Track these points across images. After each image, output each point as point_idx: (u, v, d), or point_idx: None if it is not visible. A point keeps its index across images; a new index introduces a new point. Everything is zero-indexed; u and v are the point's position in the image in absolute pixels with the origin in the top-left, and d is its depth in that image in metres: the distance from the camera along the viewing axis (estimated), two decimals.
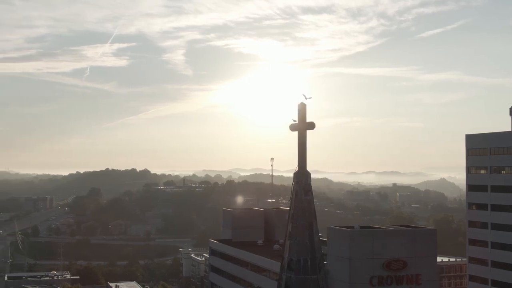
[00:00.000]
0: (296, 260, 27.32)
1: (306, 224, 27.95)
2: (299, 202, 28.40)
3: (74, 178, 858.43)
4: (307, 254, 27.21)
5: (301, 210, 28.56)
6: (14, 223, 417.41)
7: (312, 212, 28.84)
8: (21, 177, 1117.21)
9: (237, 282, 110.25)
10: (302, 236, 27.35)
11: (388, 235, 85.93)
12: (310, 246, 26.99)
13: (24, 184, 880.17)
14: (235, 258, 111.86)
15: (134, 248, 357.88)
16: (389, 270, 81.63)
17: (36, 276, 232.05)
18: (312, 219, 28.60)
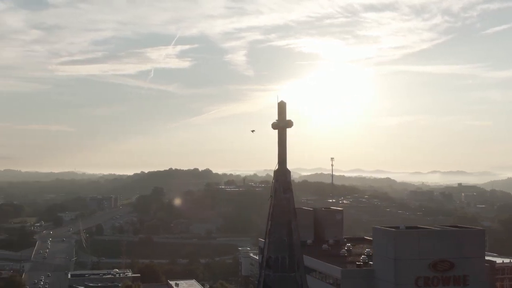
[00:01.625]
0: (274, 257, 26.89)
1: (285, 222, 27.51)
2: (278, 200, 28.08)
3: (138, 178, 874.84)
4: (285, 252, 26.73)
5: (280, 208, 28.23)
6: (79, 222, 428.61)
7: (291, 210, 28.58)
8: (88, 177, 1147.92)
9: None
10: (280, 234, 27.22)
11: (434, 236, 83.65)
12: (288, 244, 26.98)
13: (90, 184, 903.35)
14: None
15: (195, 247, 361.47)
16: (435, 271, 79.59)
17: (99, 274, 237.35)
18: (290, 217, 28.42)
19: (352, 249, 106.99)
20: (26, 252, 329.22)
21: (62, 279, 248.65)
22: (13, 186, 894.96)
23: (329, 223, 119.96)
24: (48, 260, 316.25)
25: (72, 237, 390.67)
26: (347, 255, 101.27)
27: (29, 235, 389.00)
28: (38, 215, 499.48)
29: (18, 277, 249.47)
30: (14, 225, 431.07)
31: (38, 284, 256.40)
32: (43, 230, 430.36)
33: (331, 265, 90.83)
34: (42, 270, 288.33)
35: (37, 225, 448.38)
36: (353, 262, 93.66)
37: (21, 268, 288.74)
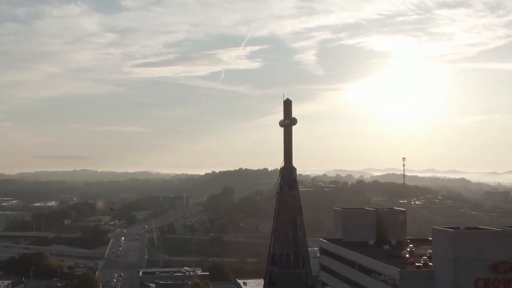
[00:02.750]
0: (279, 254, 26.49)
1: (290, 219, 26.78)
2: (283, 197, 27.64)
3: (209, 178, 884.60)
4: (290, 249, 25.95)
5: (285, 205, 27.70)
6: (151, 220, 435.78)
7: (296, 207, 28.38)
8: (161, 177, 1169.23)
9: (347, 283, 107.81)
10: (285, 230, 26.53)
11: (494, 237, 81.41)
12: (293, 240, 26.10)
13: (163, 184, 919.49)
14: (343, 258, 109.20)
15: (265, 246, 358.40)
16: (496, 273, 77.53)
17: (169, 272, 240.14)
18: (295, 214, 28.32)
19: (415, 250, 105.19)
20: (100, 250, 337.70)
21: (134, 277, 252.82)
22: (89, 186, 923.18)
23: (391, 223, 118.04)
24: (121, 258, 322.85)
25: (144, 235, 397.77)
26: (408, 256, 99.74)
27: (103, 234, 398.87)
28: (112, 214, 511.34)
29: (91, 274, 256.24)
30: (89, 223, 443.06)
31: (111, 282, 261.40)
32: (116, 228, 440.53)
33: (390, 266, 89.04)
34: (115, 268, 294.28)
35: (111, 223, 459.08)
36: (413, 263, 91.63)
37: (95, 266, 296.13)
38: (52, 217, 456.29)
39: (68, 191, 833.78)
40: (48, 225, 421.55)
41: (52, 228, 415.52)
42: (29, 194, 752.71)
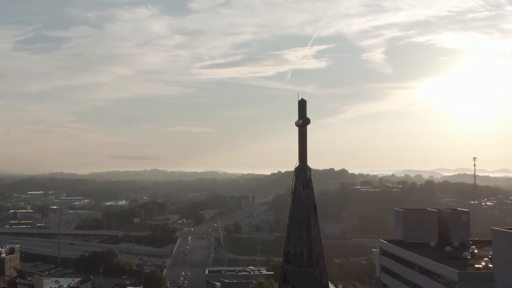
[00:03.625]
0: (293, 252, 26.28)
1: (303, 218, 26.84)
2: (297, 196, 26.91)
3: (275, 177, 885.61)
4: (304, 247, 26.02)
5: (299, 204, 27.03)
6: (218, 219, 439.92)
7: (310, 206, 27.19)
8: (228, 176, 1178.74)
9: (407, 284, 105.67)
10: (299, 229, 26.69)
11: None
12: (307, 239, 26.37)
13: (230, 183, 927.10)
14: (403, 259, 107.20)
15: (330, 247, 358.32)
16: None
17: (234, 271, 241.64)
18: (310, 213, 27.11)
19: (477, 252, 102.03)
20: (167, 249, 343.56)
21: (200, 275, 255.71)
22: (159, 185, 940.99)
23: (454, 224, 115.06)
24: (188, 257, 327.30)
25: (211, 234, 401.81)
26: (469, 258, 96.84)
27: (171, 232, 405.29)
28: (181, 213, 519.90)
29: (159, 272, 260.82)
30: (158, 222, 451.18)
31: (178, 280, 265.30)
32: (184, 227, 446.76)
33: (448, 268, 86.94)
34: (182, 266, 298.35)
35: (179, 222, 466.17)
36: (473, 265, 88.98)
37: (163, 264, 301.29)
38: (122, 216, 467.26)
39: (138, 190, 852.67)
40: (118, 224, 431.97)
41: (122, 227, 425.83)
42: (100, 194, 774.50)
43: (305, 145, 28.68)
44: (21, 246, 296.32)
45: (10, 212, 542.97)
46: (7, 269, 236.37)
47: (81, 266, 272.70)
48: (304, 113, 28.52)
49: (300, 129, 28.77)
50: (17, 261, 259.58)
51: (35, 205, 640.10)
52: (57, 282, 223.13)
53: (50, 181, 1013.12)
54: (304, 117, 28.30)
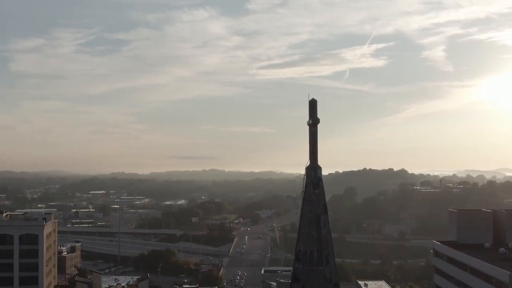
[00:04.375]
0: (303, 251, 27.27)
1: (314, 217, 27.84)
2: (308, 195, 27.84)
3: (333, 177, 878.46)
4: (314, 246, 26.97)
5: (309, 203, 27.90)
6: (274, 219, 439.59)
7: (320, 205, 28.03)
8: (285, 176, 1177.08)
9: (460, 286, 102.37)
10: (309, 228, 27.55)
11: None
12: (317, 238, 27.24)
13: (287, 183, 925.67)
14: (455, 260, 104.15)
15: (388, 248, 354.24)
16: None
17: (290, 271, 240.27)
18: (320, 212, 28.02)
19: None
20: (225, 248, 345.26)
21: (256, 275, 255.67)
22: (217, 185, 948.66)
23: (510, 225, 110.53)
24: (245, 256, 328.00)
25: (268, 234, 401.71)
26: None
27: (228, 232, 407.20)
28: (238, 212, 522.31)
29: (216, 271, 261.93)
30: (215, 221, 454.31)
31: (234, 280, 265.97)
32: (241, 227, 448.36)
33: (500, 269, 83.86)
34: (239, 266, 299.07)
35: (236, 222, 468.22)
36: None
37: (220, 263, 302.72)
38: (180, 215, 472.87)
39: (197, 190, 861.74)
40: (177, 223, 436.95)
41: (181, 226, 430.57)
42: (160, 193, 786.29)
43: (316, 145, 28.36)
44: (82, 245, 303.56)
45: (72, 212, 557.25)
46: (68, 267, 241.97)
47: (140, 264, 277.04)
48: (315, 113, 28.21)
49: (310, 129, 28.45)
50: (78, 259, 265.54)
51: (96, 204, 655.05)
52: (116, 280, 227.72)
53: (111, 181, 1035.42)
54: (314, 117, 28.02)
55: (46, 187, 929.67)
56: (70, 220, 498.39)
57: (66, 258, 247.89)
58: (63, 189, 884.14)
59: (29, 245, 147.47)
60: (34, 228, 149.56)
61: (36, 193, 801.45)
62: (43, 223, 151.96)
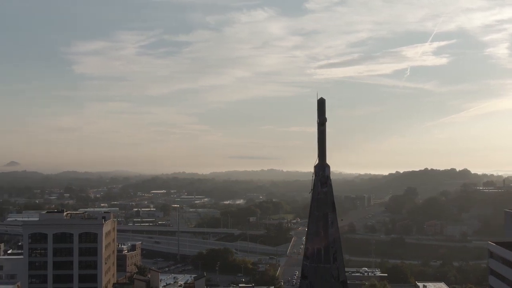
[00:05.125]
0: (311, 249, 27.38)
1: (321, 215, 27.91)
2: (316, 194, 27.84)
3: (393, 178, 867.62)
4: (321, 244, 26.97)
5: (318, 201, 27.84)
6: None
7: (328, 204, 28.02)
8: (343, 177, 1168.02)
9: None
10: (317, 227, 27.59)
11: None
12: (324, 236, 27.25)
13: (346, 183, 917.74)
14: (510, 262, 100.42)
15: (449, 249, 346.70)
16: None
17: (348, 272, 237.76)
18: (328, 210, 28.11)
19: None
20: (282, 248, 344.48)
21: None
22: (275, 185, 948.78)
23: None
24: (302, 256, 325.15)
25: None
26: None
27: (285, 231, 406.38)
28: (295, 212, 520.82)
29: (272, 271, 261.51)
30: (273, 221, 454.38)
31: (291, 280, 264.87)
32: (299, 226, 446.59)
33: None
34: (296, 266, 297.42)
35: (293, 221, 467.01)
36: None
37: (277, 263, 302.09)
38: (239, 214, 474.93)
39: (255, 189, 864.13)
40: (235, 222, 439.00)
41: (239, 225, 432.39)
42: (219, 193, 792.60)
43: (324, 143, 27.91)
44: (143, 243, 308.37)
45: (133, 211, 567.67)
46: (129, 265, 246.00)
47: (199, 263, 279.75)
48: (323, 112, 27.67)
49: (319, 128, 27.96)
50: (138, 257, 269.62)
51: (157, 203, 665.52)
52: (175, 278, 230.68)
53: (172, 181, 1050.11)
54: (322, 116, 27.56)
55: (109, 186, 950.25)
56: (132, 219, 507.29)
57: (127, 256, 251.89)
58: (126, 188, 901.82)
59: (88, 243, 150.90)
60: (93, 227, 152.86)
61: (99, 192, 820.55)
62: (102, 222, 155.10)
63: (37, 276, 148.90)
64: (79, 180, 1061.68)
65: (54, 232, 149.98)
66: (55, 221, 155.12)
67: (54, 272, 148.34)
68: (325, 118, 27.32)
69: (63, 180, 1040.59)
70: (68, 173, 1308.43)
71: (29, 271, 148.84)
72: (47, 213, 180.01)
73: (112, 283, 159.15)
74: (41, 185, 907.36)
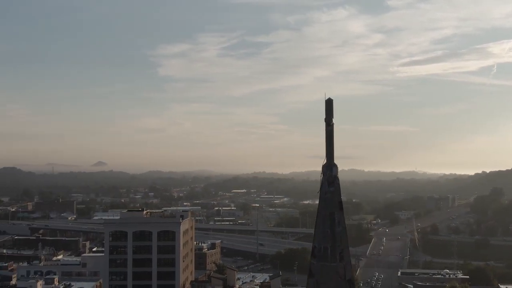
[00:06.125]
0: (318, 247, 27.93)
1: (328, 214, 28.41)
2: (323, 193, 28.43)
3: (478, 178, 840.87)
4: (328, 243, 27.58)
5: (324, 201, 28.44)
6: (413, 220, 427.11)
7: (335, 203, 28.50)
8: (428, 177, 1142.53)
9: None
10: (324, 225, 28.17)
11: None
12: (331, 235, 27.86)
13: (430, 184, 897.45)
14: None
15: None
16: None
17: (428, 273, 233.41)
18: (334, 209, 28.50)
19: None
20: (361, 249, 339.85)
21: (393, 277, 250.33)
22: (356, 185, 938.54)
23: None
24: (382, 258, 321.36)
25: (406, 235, 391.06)
26: None
27: (365, 232, 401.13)
28: (376, 213, 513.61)
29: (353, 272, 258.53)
30: (352, 221, 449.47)
31: (371, 281, 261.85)
32: (379, 227, 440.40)
33: None
34: (376, 267, 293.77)
35: (373, 222, 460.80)
36: None
37: (356, 264, 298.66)
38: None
39: None
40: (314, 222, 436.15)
41: None
42: (299, 192, 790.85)
43: (332, 143, 28.27)
44: (223, 242, 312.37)
45: (214, 210, 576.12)
46: (208, 264, 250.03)
47: (278, 262, 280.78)
48: (331, 112, 28.04)
49: (326, 128, 28.23)
50: (217, 256, 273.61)
51: (237, 202, 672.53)
52: (254, 277, 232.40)
53: (252, 180, 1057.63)
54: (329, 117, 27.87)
55: (192, 186, 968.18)
56: (213, 218, 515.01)
57: (207, 254, 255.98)
58: (207, 187, 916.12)
59: (167, 241, 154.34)
60: (171, 225, 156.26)
61: (182, 191, 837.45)
62: (179, 221, 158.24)
63: (118, 273, 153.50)
64: (163, 179, 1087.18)
65: (133, 230, 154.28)
66: (135, 220, 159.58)
67: (133, 270, 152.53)
68: (329, 119, 27.72)
69: (148, 179, 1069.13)
70: (152, 173, 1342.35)
71: (110, 268, 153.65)
72: (127, 212, 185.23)
73: (190, 281, 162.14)
74: (127, 184, 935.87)
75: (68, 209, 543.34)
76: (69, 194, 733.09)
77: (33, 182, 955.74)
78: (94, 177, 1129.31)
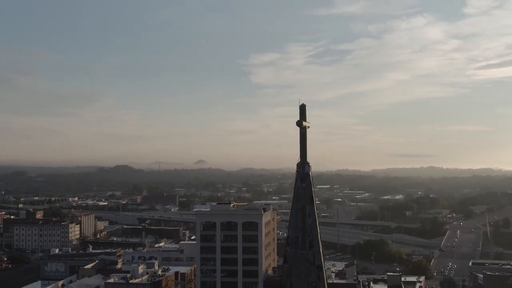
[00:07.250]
0: (291, 237, 29.58)
1: (300, 207, 29.46)
2: (296, 188, 30.11)
3: None
4: (299, 232, 29.19)
5: (297, 195, 29.87)
6: (486, 214, 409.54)
7: (306, 197, 29.60)
8: (503, 174, 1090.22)
9: None
10: (296, 217, 29.49)
11: None
12: (302, 225, 29.20)
13: (505, 180, 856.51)
14: None
15: None
16: None
17: (498, 264, 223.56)
18: (305, 203, 29.35)
19: None
20: (436, 241, 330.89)
21: (464, 267, 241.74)
22: (433, 181, 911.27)
23: None
24: (456, 249, 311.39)
25: (480, 228, 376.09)
26: None
27: (440, 225, 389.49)
28: (451, 208, 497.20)
29: (425, 262, 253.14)
30: (429, 215, 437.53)
31: (444, 271, 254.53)
32: (454, 221, 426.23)
33: None
34: (449, 258, 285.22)
35: (449, 216, 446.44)
36: None
37: (431, 254, 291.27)
38: (396, 208, 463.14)
39: (414, 186, 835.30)
40: (392, 216, 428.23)
41: (395, 219, 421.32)
42: (379, 188, 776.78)
43: (305, 144, 29.80)
44: None
45: None
46: None
47: (356, 252, 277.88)
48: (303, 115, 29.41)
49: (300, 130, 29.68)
50: None
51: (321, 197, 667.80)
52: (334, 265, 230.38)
53: (336, 177, 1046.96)
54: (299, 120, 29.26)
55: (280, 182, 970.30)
56: None
57: None
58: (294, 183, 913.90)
59: (250, 231, 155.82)
60: (254, 217, 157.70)
61: (272, 187, 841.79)
62: (261, 213, 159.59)
63: (208, 259, 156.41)
64: (255, 176, 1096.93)
65: (221, 221, 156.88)
66: (223, 211, 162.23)
67: (221, 256, 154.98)
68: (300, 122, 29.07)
69: (241, 176, 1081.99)
70: (246, 170, 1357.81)
71: (201, 255, 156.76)
72: (217, 204, 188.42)
73: (272, 267, 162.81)
74: (223, 180, 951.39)
75: (171, 202, 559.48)
76: (173, 189, 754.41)
77: (142, 178, 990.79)
78: (195, 173, 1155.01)
